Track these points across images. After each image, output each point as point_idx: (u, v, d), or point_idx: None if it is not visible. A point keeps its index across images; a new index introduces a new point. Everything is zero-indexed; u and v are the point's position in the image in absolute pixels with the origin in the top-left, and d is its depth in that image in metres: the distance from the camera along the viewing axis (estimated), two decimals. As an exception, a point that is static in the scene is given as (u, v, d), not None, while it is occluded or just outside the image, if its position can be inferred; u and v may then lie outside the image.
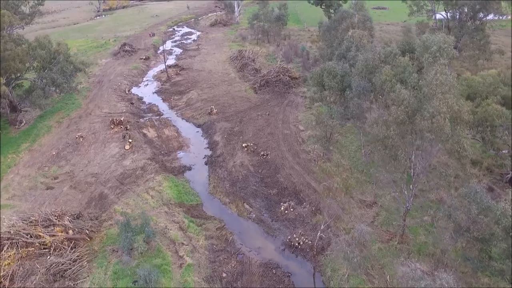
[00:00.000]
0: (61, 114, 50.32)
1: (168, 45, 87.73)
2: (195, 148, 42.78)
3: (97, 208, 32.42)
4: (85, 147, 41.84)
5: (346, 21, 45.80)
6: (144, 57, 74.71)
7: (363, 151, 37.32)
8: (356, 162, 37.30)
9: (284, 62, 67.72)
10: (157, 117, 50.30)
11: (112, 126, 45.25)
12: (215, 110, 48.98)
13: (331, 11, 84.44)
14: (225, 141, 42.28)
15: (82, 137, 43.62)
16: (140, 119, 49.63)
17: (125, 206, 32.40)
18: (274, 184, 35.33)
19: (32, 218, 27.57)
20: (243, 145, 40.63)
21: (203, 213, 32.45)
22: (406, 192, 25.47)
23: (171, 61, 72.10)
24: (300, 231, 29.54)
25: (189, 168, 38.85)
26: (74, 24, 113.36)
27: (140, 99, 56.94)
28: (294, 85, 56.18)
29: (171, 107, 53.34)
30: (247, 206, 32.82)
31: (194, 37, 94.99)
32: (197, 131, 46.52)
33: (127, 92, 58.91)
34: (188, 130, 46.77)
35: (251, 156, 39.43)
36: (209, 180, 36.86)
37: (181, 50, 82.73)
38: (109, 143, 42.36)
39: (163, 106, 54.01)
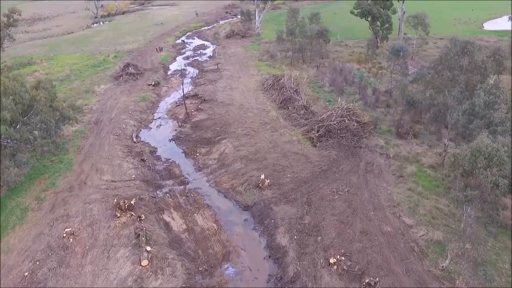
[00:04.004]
0: (43, 182, 34.93)
1: (179, 61, 72.60)
2: (248, 256, 27.48)
3: None
4: (78, 259, 26.51)
5: (472, 56, 30.65)
6: (153, 83, 59.33)
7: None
8: (530, 303, 22.49)
9: (335, 93, 52.87)
10: (181, 187, 35.08)
11: (117, 214, 30.02)
12: (267, 182, 33.67)
13: (378, 23, 70.09)
14: (296, 247, 27.13)
15: (73, 234, 28.34)
16: (157, 192, 34.47)
17: None
18: None
19: None
20: (331, 260, 25.54)
21: None
22: None
23: (186, 86, 55.54)
24: None
25: (250, 310, 23.77)
26: (68, 33, 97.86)
27: (153, 152, 41.59)
28: (364, 133, 41.20)
29: (199, 168, 38.04)
30: None
31: (209, 51, 79.88)
32: (245, 219, 31.28)
33: (134, 139, 43.54)
34: (231, 216, 31.49)
35: (346, 282, 24.35)
36: None
37: (197, 71, 67.48)
38: (115, 250, 27.09)
39: (186, 165, 38.73)
